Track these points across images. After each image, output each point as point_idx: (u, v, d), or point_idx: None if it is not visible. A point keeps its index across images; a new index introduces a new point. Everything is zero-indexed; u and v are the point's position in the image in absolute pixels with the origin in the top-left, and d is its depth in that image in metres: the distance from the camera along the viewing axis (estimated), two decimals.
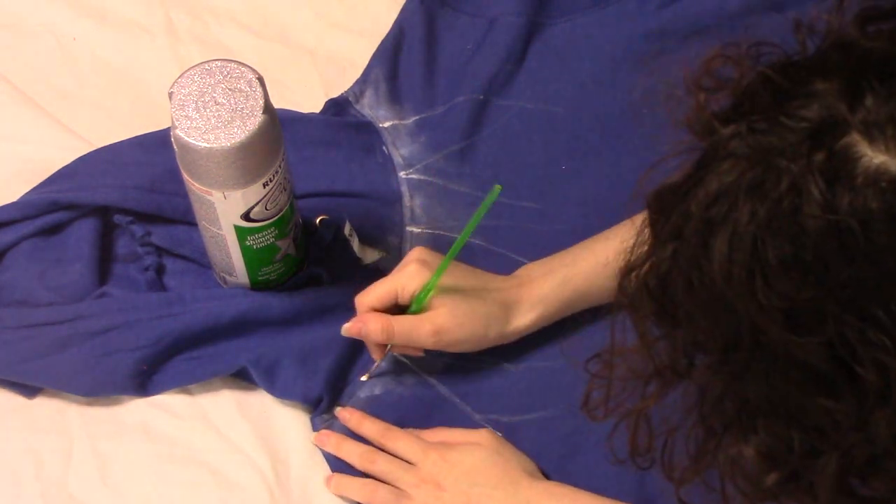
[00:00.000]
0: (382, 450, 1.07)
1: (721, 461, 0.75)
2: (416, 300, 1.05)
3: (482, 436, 1.06)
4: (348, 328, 1.06)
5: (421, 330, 1.05)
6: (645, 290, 0.74)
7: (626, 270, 0.76)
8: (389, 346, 1.08)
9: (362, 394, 1.11)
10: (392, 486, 1.06)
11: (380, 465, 1.06)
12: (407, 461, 1.06)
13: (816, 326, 0.67)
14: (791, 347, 0.68)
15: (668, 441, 0.79)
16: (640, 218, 0.76)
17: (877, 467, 0.71)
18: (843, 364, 0.67)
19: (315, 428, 1.09)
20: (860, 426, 0.68)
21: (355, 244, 1.14)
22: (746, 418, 0.72)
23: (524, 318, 1.08)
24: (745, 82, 0.71)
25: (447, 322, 1.05)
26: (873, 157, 0.65)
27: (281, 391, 1.10)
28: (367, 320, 1.05)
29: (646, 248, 0.75)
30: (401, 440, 1.07)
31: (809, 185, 0.66)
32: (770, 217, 0.67)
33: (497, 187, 1.01)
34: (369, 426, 1.08)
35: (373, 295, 1.06)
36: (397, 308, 1.07)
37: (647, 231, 0.75)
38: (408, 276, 1.05)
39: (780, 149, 0.67)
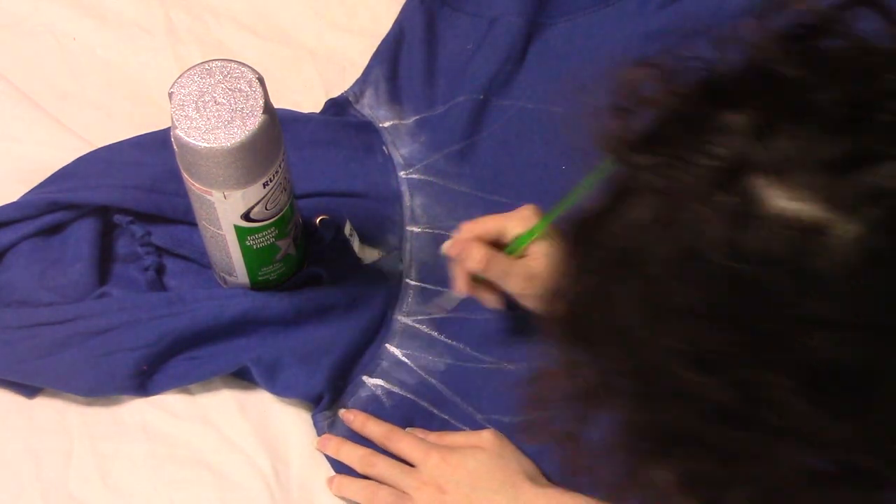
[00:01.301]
0: (386, 451, 1.08)
1: (643, 486, 0.72)
2: (517, 241, 1.04)
3: (485, 438, 1.06)
4: (449, 246, 1.05)
5: (515, 272, 1.03)
6: (558, 317, 0.72)
7: (548, 295, 0.74)
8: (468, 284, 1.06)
9: (364, 393, 1.11)
10: (393, 488, 1.06)
11: (380, 468, 1.06)
12: (409, 463, 1.06)
13: (721, 368, 0.65)
14: (697, 385, 0.65)
15: (597, 461, 0.76)
16: None
17: (788, 499, 0.69)
18: (748, 400, 0.65)
19: (317, 425, 1.09)
20: (766, 456, 0.67)
21: (355, 244, 1.14)
22: (662, 445, 0.70)
23: None
24: (662, 104, 0.67)
25: (543, 271, 1.02)
26: (777, 200, 0.61)
27: (282, 389, 1.10)
28: (470, 246, 1.04)
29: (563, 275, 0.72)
30: (403, 442, 1.07)
31: (714, 230, 0.62)
32: (676, 260, 0.64)
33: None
34: (373, 427, 1.08)
35: (481, 225, 1.05)
36: (496, 248, 1.05)
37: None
38: (518, 219, 1.04)
39: (688, 187, 0.63)
